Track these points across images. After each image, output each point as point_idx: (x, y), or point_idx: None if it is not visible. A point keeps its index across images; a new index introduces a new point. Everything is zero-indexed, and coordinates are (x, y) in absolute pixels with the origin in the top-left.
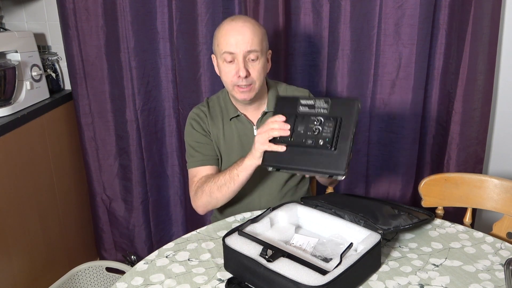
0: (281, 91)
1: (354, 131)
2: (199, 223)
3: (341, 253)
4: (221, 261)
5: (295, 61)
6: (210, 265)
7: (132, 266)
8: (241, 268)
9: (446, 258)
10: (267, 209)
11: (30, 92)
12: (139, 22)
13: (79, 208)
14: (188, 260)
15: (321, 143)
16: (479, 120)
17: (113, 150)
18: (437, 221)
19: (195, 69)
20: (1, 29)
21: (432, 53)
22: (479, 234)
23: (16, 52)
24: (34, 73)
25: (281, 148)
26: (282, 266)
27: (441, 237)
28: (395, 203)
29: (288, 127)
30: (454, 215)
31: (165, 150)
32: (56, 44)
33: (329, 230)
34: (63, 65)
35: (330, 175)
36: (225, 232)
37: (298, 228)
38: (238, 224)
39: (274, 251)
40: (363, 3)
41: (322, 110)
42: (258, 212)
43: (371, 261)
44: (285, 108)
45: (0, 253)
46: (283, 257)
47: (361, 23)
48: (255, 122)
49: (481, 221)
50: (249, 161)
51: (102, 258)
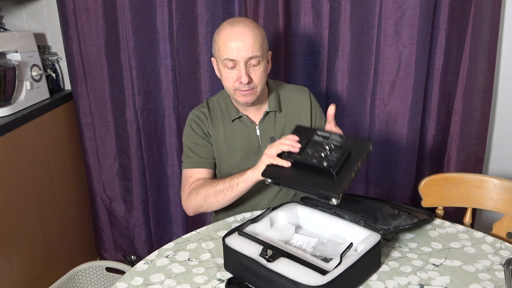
0: (281, 90)
1: (359, 166)
2: (199, 223)
3: (341, 253)
4: (221, 261)
5: (295, 61)
6: (210, 265)
7: (132, 266)
8: (241, 268)
9: (446, 258)
10: (267, 209)
11: (30, 92)
12: (139, 22)
13: (79, 208)
14: (188, 260)
15: (325, 164)
16: (479, 120)
17: (113, 150)
18: (437, 221)
19: (195, 69)
20: (1, 29)
21: (432, 53)
22: (479, 234)
23: (16, 52)
24: (34, 73)
25: (286, 163)
26: (282, 266)
27: (441, 237)
28: (395, 203)
29: (298, 145)
30: (454, 215)
31: (165, 150)
32: (56, 44)
33: (329, 230)
34: (63, 65)
35: (325, 197)
36: (225, 232)
37: (298, 228)
38: (238, 224)
39: (274, 251)
40: (363, 3)
41: (335, 142)
42: (258, 212)
43: (371, 261)
44: (301, 135)
45: (0, 253)
46: (283, 257)
47: (361, 23)
48: (257, 123)
49: (481, 221)
50: (252, 173)
51: (102, 258)
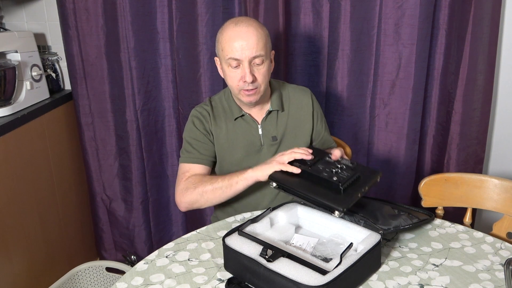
0: (283, 90)
1: (366, 190)
2: (199, 223)
3: (341, 253)
4: (221, 261)
5: (295, 61)
6: (210, 265)
7: (132, 266)
8: (241, 268)
9: (446, 258)
10: (267, 209)
11: (30, 92)
12: (139, 22)
13: (79, 208)
14: (188, 260)
15: (334, 179)
16: (479, 120)
17: (113, 150)
18: (437, 221)
19: (195, 69)
20: (1, 29)
21: (432, 53)
22: (479, 234)
23: (16, 52)
24: (34, 73)
25: (296, 170)
26: (282, 266)
27: (441, 237)
28: (395, 203)
29: (311, 156)
30: (454, 215)
31: (165, 150)
32: (56, 44)
33: (329, 230)
34: (63, 65)
35: (329, 208)
36: (225, 232)
37: (298, 228)
38: (238, 224)
39: (274, 251)
40: (363, 3)
41: (346, 164)
42: (258, 212)
43: (371, 261)
44: (314, 155)
45: (0, 253)
46: (283, 257)
47: (361, 23)
48: (259, 122)
49: (481, 221)
50: (253, 172)
51: (102, 258)
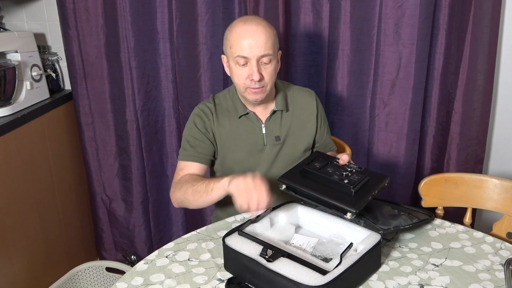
0: (288, 91)
1: (375, 193)
2: (199, 223)
3: (341, 253)
4: (221, 261)
5: (295, 61)
6: (210, 265)
7: (132, 266)
8: (241, 268)
9: (446, 258)
10: (267, 209)
11: (30, 92)
12: (139, 22)
13: (79, 208)
14: (188, 260)
15: (346, 181)
16: (479, 120)
17: (113, 150)
18: (437, 221)
19: (195, 69)
20: (1, 29)
21: (432, 53)
22: (479, 234)
23: (16, 52)
24: (34, 73)
25: (253, 217)
26: (282, 266)
27: (441, 237)
28: (395, 203)
29: (261, 210)
30: (454, 215)
31: (165, 150)
32: (56, 44)
33: (329, 230)
34: (63, 65)
35: (341, 210)
36: (225, 232)
37: (298, 228)
38: (238, 224)
39: (274, 251)
40: (363, 3)
41: (355, 168)
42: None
43: (371, 261)
44: (320, 159)
45: (0, 253)
46: (283, 257)
47: (361, 23)
48: (263, 121)
49: (481, 221)
50: (227, 182)
51: (102, 258)
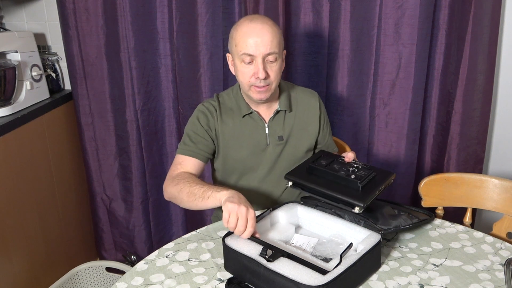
0: (292, 91)
1: (382, 189)
2: (199, 223)
3: (341, 253)
4: (221, 261)
5: (295, 61)
6: (210, 265)
7: (132, 266)
8: (241, 268)
9: (446, 258)
10: (267, 209)
11: (30, 92)
12: (139, 22)
13: (79, 208)
14: (188, 260)
15: (353, 177)
16: (479, 120)
17: (113, 150)
18: (437, 221)
19: (195, 69)
20: (1, 29)
21: (432, 53)
22: (479, 234)
23: (16, 52)
24: (34, 73)
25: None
26: (282, 266)
27: (441, 237)
28: (395, 203)
29: (249, 231)
30: (454, 215)
31: (165, 150)
32: (56, 44)
33: (329, 230)
34: (63, 65)
35: (349, 205)
36: (225, 232)
37: (298, 228)
38: None
39: (274, 251)
40: (363, 3)
41: (361, 165)
42: (258, 212)
43: (371, 261)
44: (325, 157)
45: (0, 253)
46: (283, 257)
47: (361, 23)
48: (267, 120)
49: (481, 221)
50: (219, 197)
51: (102, 258)
